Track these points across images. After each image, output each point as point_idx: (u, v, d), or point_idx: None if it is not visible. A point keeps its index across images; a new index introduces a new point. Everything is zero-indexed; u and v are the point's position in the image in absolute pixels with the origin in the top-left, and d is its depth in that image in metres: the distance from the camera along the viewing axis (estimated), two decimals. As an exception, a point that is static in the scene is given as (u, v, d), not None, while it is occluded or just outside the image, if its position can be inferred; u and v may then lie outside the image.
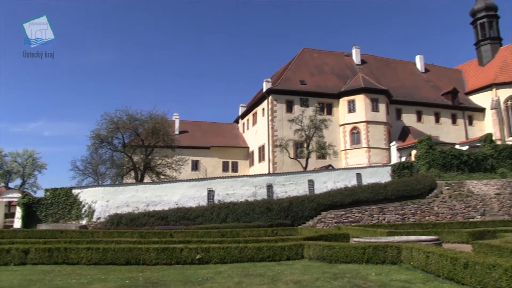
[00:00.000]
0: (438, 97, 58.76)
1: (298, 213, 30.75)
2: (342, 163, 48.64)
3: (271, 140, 47.68)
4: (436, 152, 38.42)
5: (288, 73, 52.75)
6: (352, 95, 50.65)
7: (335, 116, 50.68)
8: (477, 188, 34.80)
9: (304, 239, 17.06)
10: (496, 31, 66.18)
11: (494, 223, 26.48)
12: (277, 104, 49.03)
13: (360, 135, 49.20)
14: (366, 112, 49.45)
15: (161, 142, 40.54)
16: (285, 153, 43.99)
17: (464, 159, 38.80)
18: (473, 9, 67.90)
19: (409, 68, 63.82)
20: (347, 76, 54.96)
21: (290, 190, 33.71)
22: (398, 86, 56.96)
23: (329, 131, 46.76)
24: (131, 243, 17.06)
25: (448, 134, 54.96)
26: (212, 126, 60.23)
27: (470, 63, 68.88)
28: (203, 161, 53.66)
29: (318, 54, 58.76)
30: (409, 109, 55.44)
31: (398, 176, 36.04)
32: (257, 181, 33.84)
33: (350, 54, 60.00)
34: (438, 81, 62.55)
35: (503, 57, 61.73)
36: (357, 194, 32.37)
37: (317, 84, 52.18)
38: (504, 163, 39.31)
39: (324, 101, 50.75)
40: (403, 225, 26.17)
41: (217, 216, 29.96)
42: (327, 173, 36.06)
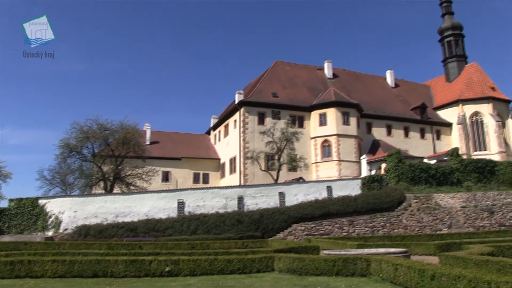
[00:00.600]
0: (407, 112, 59.97)
1: (268, 225, 30.74)
2: (313, 176, 48.95)
3: (242, 152, 47.69)
4: (405, 166, 39.09)
5: (260, 85, 53.03)
6: (323, 108, 51.22)
7: (306, 129, 51.10)
8: (444, 201, 35.51)
9: (274, 251, 17.03)
10: (462, 49, 68.24)
11: (460, 235, 27.01)
12: (249, 116, 49.16)
13: (331, 148, 49.67)
14: (337, 125, 50.03)
15: (132, 152, 40.06)
16: (256, 165, 44.03)
17: (432, 172, 39.59)
18: (440, 28, 69.89)
19: (379, 83, 65.02)
20: (318, 89, 55.59)
21: (261, 202, 33.70)
22: (369, 100, 57.89)
23: (300, 144, 47.05)
24: (99, 255, 16.73)
25: (417, 148, 56.03)
26: (183, 137, 59.88)
27: (438, 79, 70.68)
28: (174, 172, 53.20)
29: (290, 67, 59.31)
30: (380, 123, 56.37)
31: (368, 189, 36.45)
32: (228, 193, 33.75)
33: (322, 68, 60.75)
34: (407, 96, 63.87)
35: (468, 74, 63.66)
36: (327, 206, 32.58)
37: (289, 97, 52.59)
38: (470, 177, 40.25)
39: (295, 113, 51.15)
40: (372, 238, 26.43)
41: (187, 228, 29.69)
42: (298, 186, 36.22)
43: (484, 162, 42.04)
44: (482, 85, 61.34)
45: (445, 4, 71.09)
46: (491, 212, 33.88)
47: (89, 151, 39.79)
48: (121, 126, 39.84)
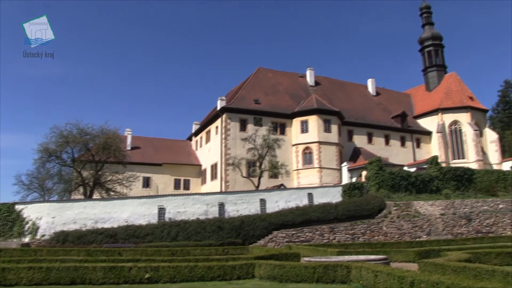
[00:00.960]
0: (388, 120, 60.61)
1: (249, 232, 30.68)
2: (294, 183, 49.06)
3: (224, 159, 47.59)
4: (386, 173, 39.44)
5: (242, 92, 53.08)
6: (305, 115, 51.50)
7: (288, 136, 51.27)
8: (423, 209, 35.90)
9: (255, 258, 16.98)
10: (441, 59, 69.42)
11: (439, 242, 27.31)
12: (231, 122, 49.14)
13: (312, 155, 49.89)
14: (319, 132, 50.31)
15: (112, 157, 39.68)
16: (237, 172, 43.96)
17: (412, 180, 40.01)
18: (421, 38, 71.01)
19: (361, 91, 65.62)
20: (300, 96, 55.87)
21: (242, 209, 33.64)
22: (350, 108, 58.36)
23: (282, 151, 47.18)
24: (77, 261, 16.47)
25: (397, 156, 56.60)
26: (164, 142, 59.54)
27: (418, 88, 71.66)
28: (154, 178, 52.82)
29: (273, 74, 59.52)
30: (361, 131, 56.83)
31: (349, 196, 36.66)
32: (209, 199, 33.62)
33: (305, 75, 61.10)
34: (388, 104, 64.57)
35: (447, 84, 64.72)
36: (308, 213, 32.66)
37: (271, 104, 52.74)
38: (448, 185, 40.80)
39: (277, 120, 51.29)
40: (353, 245, 26.55)
41: (167, 234, 29.46)
42: (279, 193, 36.26)
43: (463, 170, 42.68)
44: (460, 94, 62.42)
45: (425, 14, 72.33)
46: (469, 220, 34.36)
47: (68, 156, 39.38)
48: (102, 131, 39.49)
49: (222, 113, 49.70)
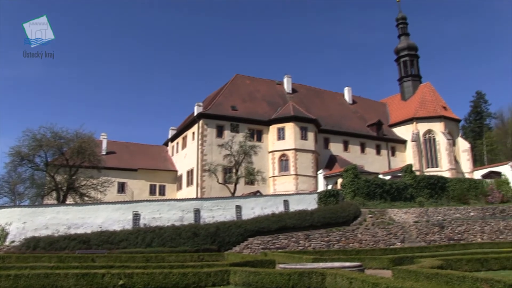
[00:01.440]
0: (364, 128, 61.25)
1: (225, 239, 30.54)
2: (270, 190, 49.10)
3: (200, 165, 47.37)
4: (361, 181, 39.78)
5: (220, 98, 53.00)
6: (282, 122, 51.65)
7: (264, 142, 51.34)
8: (397, 216, 36.31)
9: (230, 265, 16.89)
10: (416, 69, 70.63)
11: (412, 250, 27.63)
12: (208, 128, 48.98)
13: (289, 162, 50.04)
14: (295, 140, 50.51)
15: (87, 162, 39.09)
16: (213, 178, 43.78)
17: (387, 188, 40.45)
18: (397, 48, 72.15)
19: (337, 99, 66.19)
20: (278, 104, 56.06)
21: (217, 215, 33.48)
22: (327, 116, 58.79)
23: (258, 158, 47.21)
24: (48, 268, 16.09)
25: (372, 164, 57.15)
26: (140, 148, 58.93)
27: (394, 97, 72.69)
28: (130, 184, 52.22)
29: (250, 81, 59.61)
30: (337, 139, 57.27)
31: (325, 203, 36.82)
32: (185, 206, 33.38)
33: (282, 83, 61.34)
34: (364, 113, 65.27)
35: (422, 94, 65.86)
36: (284, 220, 32.69)
37: (248, 111, 52.78)
38: (422, 193, 41.39)
39: (254, 127, 51.33)
40: (328, 252, 26.64)
41: (142, 240, 29.11)
42: (255, 199, 36.23)
43: (436, 179, 43.39)
44: (435, 104, 63.56)
45: (402, 25, 73.57)
46: (442, 227, 34.89)
47: (41, 160, 38.61)
48: (77, 135, 38.93)
49: (199, 119, 49.51)
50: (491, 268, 18.31)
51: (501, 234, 35.15)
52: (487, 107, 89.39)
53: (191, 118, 52.98)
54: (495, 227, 35.53)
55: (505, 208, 38.48)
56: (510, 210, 38.29)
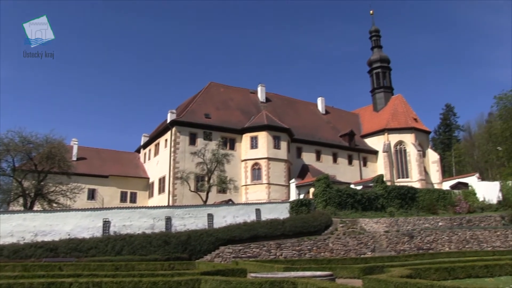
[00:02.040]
0: (336, 138, 61.86)
1: (196, 247, 30.28)
2: (242, 198, 49.04)
3: (172, 172, 47.00)
4: (333, 191, 40.07)
5: (193, 105, 52.82)
6: (255, 131, 51.79)
7: (237, 151, 51.34)
8: (368, 226, 36.68)
9: (201, 273, 16.71)
10: (388, 81, 71.86)
11: (382, 259, 27.91)
12: (181, 136, 48.71)
13: (261, 171, 50.13)
14: (268, 149, 50.66)
15: (57, 168, 38.28)
16: (185, 186, 43.49)
17: (358, 198, 40.85)
18: (370, 60, 73.35)
19: (310, 109, 66.73)
20: (251, 112, 56.20)
21: (189, 224, 33.21)
22: (300, 126, 59.17)
23: (231, 166, 47.12)
24: (12, 277, 15.59)
25: (344, 174, 57.66)
26: (112, 154, 58.10)
27: (366, 108, 73.72)
28: (100, 190, 51.38)
29: (224, 89, 59.61)
30: (309, 148, 57.67)
31: (296, 212, 36.94)
32: (156, 213, 33.00)
33: (256, 92, 61.52)
34: (337, 123, 65.96)
35: (394, 105, 67.03)
36: (256, 229, 32.64)
37: (222, 119, 52.73)
38: (393, 203, 41.94)
39: (227, 135, 51.27)
40: (299, 261, 26.66)
41: (112, 248, 28.60)
42: (227, 208, 36.11)
43: (406, 189, 44.04)
44: (406, 116, 64.73)
45: (375, 38, 74.85)
46: (411, 237, 35.38)
47: (8, 165, 37.62)
48: (47, 140, 38.11)
49: (172, 126, 49.20)
50: (457, 276, 18.73)
51: (467, 244, 35.90)
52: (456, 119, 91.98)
53: (164, 125, 52.62)
54: (462, 236, 36.28)
55: (471, 218, 39.40)
56: (476, 220, 39.25)
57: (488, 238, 36.61)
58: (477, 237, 36.49)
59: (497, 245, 36.17)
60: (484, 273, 19.60)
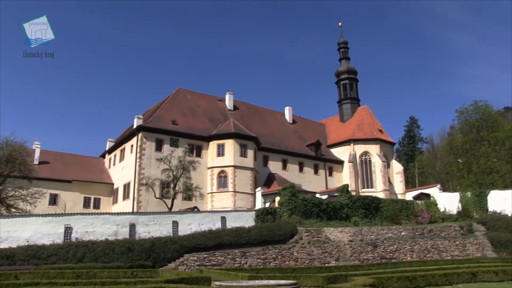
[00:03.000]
0: (303, 148, 62.39)
1: (160, 255, 29.90)
2: (208, 206, 48.83)
3: (137, 178, 46.43)
4: (298, 200, 40.29)
5: (160, 111, 52.43)
6: (222, 139, 51.77)
7: (204, 158, 51.17)
8: (333, 235, 37.04)
9: (164, 281, 16.56)
10: (355, 92, 73.11)
11: (346, 268, 28.21)
12: (147, 142, 48.22)
13: (227, 179, 50.09)
14: (235, 157, 50.70)
15: (17, 171, 37.18)
16: (151, 192, 43.01)
17: (323, 207, 41.19)
18: (337, 71, 74.57)
19: (278, 118, 67.18)
20: (218, 120, 56.17)
21: (153, 231, 32.79)
22: (267, 134, 59.46)
23: (197, 173, 46.91)
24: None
25: (310, 183, 58.13)
26: (76, 158, 56.89)
27: (333, 118, 74.76)
28: (62, 195, 50.19)
29: (192, 95, 59.42)
30: (276, 157, 57.95)
31: (262, 221, 36.99)
32: (120, 220, 32.45)
33: (223, 99, 61.54)
34: (304, 133, 66.57)
35: (360, 116, 68.25)
36: (221, 237, 32.49)
37: (189, 126, 52.51)
38: (357, 212, 42.48)
39: (194, 142, 51.08)
40: (264, 269, 26.69)
41: (73, 255, 27.90)
42: (192, 215, 35.88)
43: (371, 199, 44.72)
44: (371, 127, 65.94)
45: (343, 49, 76.18)
46: (375, 246, 35.92)
47: (-35, 168, 36.40)
48: (7, 143, 37.14)
49: (138, 132, 48.67)
50: (418, 285, 19.22)
51: (428, 253, 36.78)
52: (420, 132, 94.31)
53: (130, 131, 52.01)
54: (423, 246, 37.13)
55: (432, 228, 40.37)
56: (437, 230, 40.26)
57: (448, 247, 37.73)
58: (438, 247, 37.47)
59: (456, 254, 37.32)
60: (443, 281, 20.21)
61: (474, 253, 37.67)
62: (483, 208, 45.92)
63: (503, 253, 36.65)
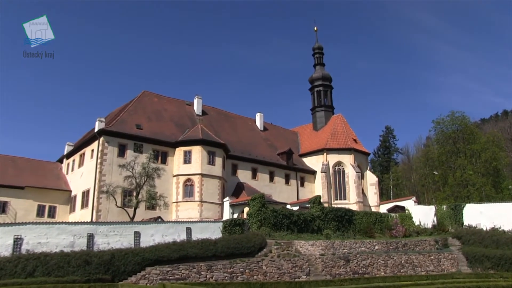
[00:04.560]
0: (274, 156, 62.60)
1: (120, 268, 29.29)
2: (172, 216, 48.44)
3: (97, 185, 45.63)
4: (268, 211, 40.32)
5: (124, 115, 51.82)
6: (189, 145, 51.53)
7: (169, 165, 50.81)
8: (304, 248, 37.13)
9: (124, 296, 16.29)
10: (330, 100, 73.98)
11: (317, 283, 28.38)
12: (109, 146, 47.50)
13: (194, 188, 49.83)
14: (202, 164, 50.52)
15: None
16: (111, 201, 42.33)
17: (294, 219, 41.33)
18: (311, 77, 75.33)
19: (248, 125, 67.36)
20: (186, 125, 55.93)
21: (113, 242, 32.20)
22: (236, 142, 59.48)
23: (162, 181, 46.52)
24: None
25: (281, 194, 58.37)
26: (30, 163, 55.30)
27: (305, 126, 75.33)
28: (13, 203, 48.71)
29: (158, 99, 58.99)
30: (245, 166, 58.01)
31: (229, 232, 36.85)
32: (77, 230, 31.73)
33: (192, 104, 61.37)
34: (275, 141, 66.86)
35: (334, 125, 68.95)
36: (185, 249, 32.15)
37: (154, 130, 52.08)
38: (330, 225, 42.78)
39: (159, 148, 50.70)
40: (231, 284, 26.63)
41: (22, 269, 26.84)
42: (155, 226, 35.45)
43: (344, 211, 45.09)
44: (345, 136, 66.69)
45: (318, 55, 77.07)
46: (347, 260, 36.16)
47: None
48: None
49: (99, 136, 47.85)
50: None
51: (402, 268, 37.19)
52: (395, 142, 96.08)
53: (91, 134, 51.17)
54: (397, 260, 37.55)
55: (407, 242, 40.96)
56: (412, 244, 40.85)
57: (423, 262, 38.24)
58: (412, 261, 37.94)
59: (431, 269, 37.87)
60: (418, 297, 20.43)
61: (449, 268, 38.37)
62: (458, 222, 46.90)
63: (478, 268, 37.40)
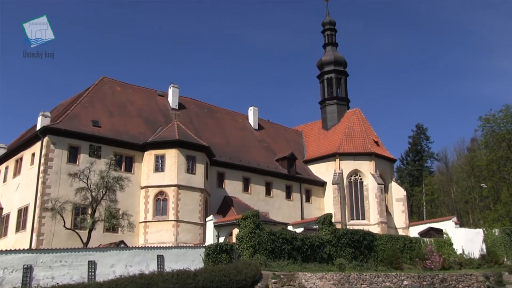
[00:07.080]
0: (271, 163, 62.34)
1: (67, 311, 28.95)
2: (139, 240, 48.22)
3: (39, 201, 45.05)
4: (264, 234, 39.92)
5: (76, 108, 51.32)
6: (162, 148, 51.15)
7: (136, 174, 50.45)
8: (310, 283, 36.72)
9: None
10: (344, 91, 73.68)
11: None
12: (56, 149, 46.90)
13: (168, 204, 49.47)
14: (179, 173, 50.14)
15: None
16: (59, 221, 41.72)
17: (298, 244, 40.92)
18: (320, 60, 74.96)
19: (239, 122, 67.15)
20: (158, 122, 55.65)
21: (60, 276, 31.58)
22: (223, 144, 59.21)
23: (126, 195, 46.03)
24: None
25: (280, 211, 58.12)
26: None
27: (313, 124, 75.10)
28: None
29: (122, 88, 58.59)
30: (235, 175, 57.70)
31: (214, 262, 36.48)
32: (9, 261, 30.89)
33: (166, 94, 61.13)
34: (273, 143, 66.61)
35: (349, 123, 68.50)
36: (156, 284, 31.64)
37: (117, 128, 51.72)
38: (344, 252, 42.33)
39: (123, 152, 50.36)
40: (214, 330, 26.18)
41: None
42: (117, 253, 35.03)
43: (362, 235, 44.58)
44: (364, 137, 66.25)
45: (328, 32, 76.72)
46: (363, 300, 35.85)
47: None
48: None
49: (43, 135, 47.20)
50: None
51: (440, 311, 36.81)
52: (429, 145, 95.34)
53: (31, 134, 50.60)
54: (433, 301, 37.18)
55: (446, 277, 40.19)
56: (453, 280, 40.03)
57: (468, 305, 37.77)
58: (453, 303, 37.56)
59: (479, 314, 37.42)
60: None
61: (505, 316, 37.99)
62: (517, 252, 46.41)
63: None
